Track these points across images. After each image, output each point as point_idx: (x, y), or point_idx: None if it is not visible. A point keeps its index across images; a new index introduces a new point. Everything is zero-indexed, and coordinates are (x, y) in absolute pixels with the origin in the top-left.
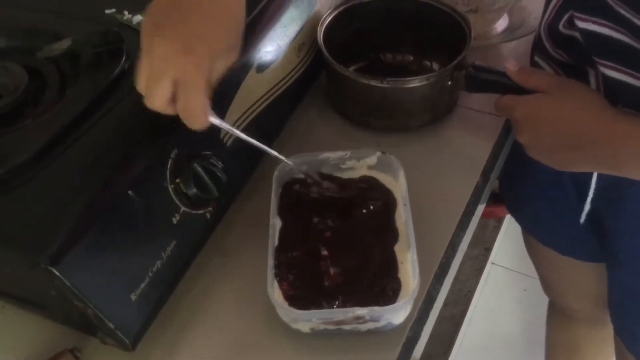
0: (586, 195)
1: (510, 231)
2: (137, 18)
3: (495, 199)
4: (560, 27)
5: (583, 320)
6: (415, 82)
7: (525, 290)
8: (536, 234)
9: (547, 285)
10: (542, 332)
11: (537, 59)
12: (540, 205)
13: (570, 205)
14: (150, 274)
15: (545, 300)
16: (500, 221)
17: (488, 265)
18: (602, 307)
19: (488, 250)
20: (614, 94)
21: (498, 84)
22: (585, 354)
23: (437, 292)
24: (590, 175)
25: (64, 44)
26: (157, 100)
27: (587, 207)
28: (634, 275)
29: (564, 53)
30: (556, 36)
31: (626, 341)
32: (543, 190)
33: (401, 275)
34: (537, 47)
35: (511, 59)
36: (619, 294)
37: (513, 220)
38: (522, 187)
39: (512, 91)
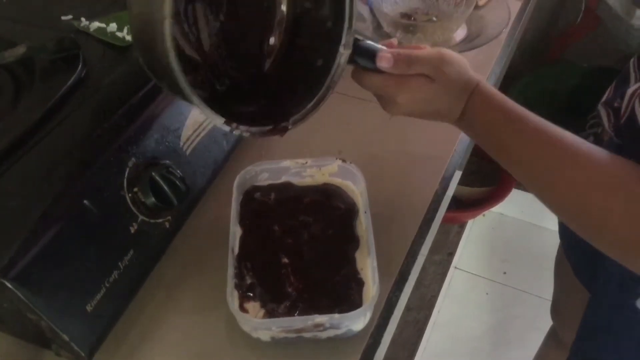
0: None
1: (472, 236)
2: (94, 25)
3: (458, 205)
4: None
5: None
6: None
7: (487, 294)
8: (562, 241)
9: (556, 307)
10: (505, 335)
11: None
12: None
13: None
14: (107, 285)
15: (507, 304)
16: (463, 226)
17: (451, 270)
18: None
19: (451, 255)
20: None
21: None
22: None
23: (397, 298)
24: None
25: (19, 50)
26: None
27: None
28: (597, 310)
29: None
30: None
31: None
32: None
33: (361, 282)
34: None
35: (387, 43)
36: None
37: (476, 225)
38: None
39: None
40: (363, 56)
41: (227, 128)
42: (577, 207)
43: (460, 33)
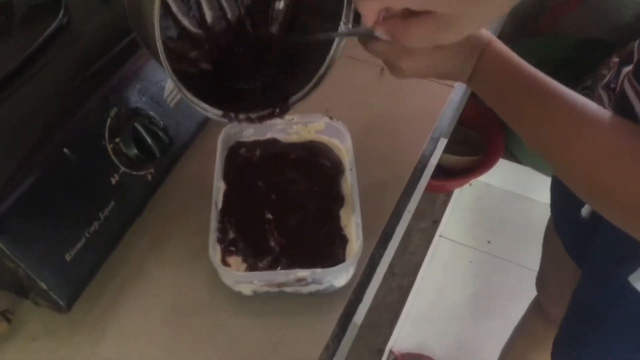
0: None
1: (458, 205)
2: None
3: (445, 174)
4: None
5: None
6: None
7: (471, 262)
8: (554, 216)
9: (542, 280)
10: (487, 303)
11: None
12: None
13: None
14: (87, 235)
15: (490, 272)
16: (449, 195)
17: (436, 237)
18: None
19: (436, 223)
20: None
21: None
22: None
23: (381, 256)
24: None
25: None
26: None
27: None
28: (590, 281)
29: None
30: None
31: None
32: None
33: (345, 238)
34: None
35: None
36: (573, 298)
37: (462, 194)
38: None
39: None
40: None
41: (225, 120)
42: (584, 174)
43: None
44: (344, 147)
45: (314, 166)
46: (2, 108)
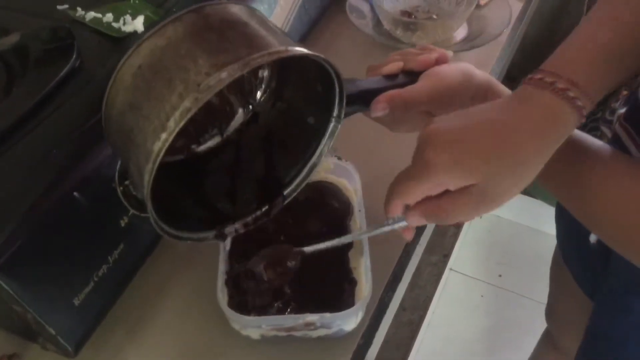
0: None
1: (468, 238)
2: (90, 15)
3: None
4: None
5: None
6: None
7: (482, 296)
8: (561, 246)
9: (551, 311)
10: (499, 338)
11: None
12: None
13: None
14: (96, 279)
15: (502, 306)
16: (459, 228)
17: (446, 271)
18: None
19: (447, 256)
20: None
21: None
22: None
23: (390, 299)
24: None
25: (12, 38)
26: None
27: None
28: (608, 312)
29: None
30: None
31: None
32: None
33: (354, 281)
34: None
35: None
36: (589, 330)
37: (472, 227)
38: None
39: None
40: (355, 104)
41: (222, 240)
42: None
43: (460, 32)
44: (352, 187)
45: (323, 207)
46: (14, 150)
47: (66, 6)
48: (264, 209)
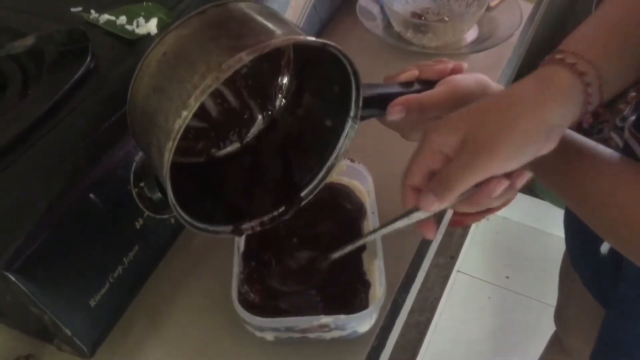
0: None
1: (476, 239)
2: (104, 17)
3: None
4: None
5: None
6: None
7: (489, 298)
8: (570, 253)
9: (560, 314)
10: (506, 340)
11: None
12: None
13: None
14: (111, 280)
15: (510, 308)
16: (466, 230)
17: (454, 273)
18: None
19: (454, 258)
20: None
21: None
22: None
23: (404, 300)
24: None
25: (27, 41)
26: None
27: None
28: (619, 319)
29: None
30: None
31: None
32: None
33: (367, 283)
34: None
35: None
36: (601, 337)
37: (479, 229)
38: None
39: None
40: (372, 107)
41: (238, 235)
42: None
43: (471, 34)
44: (365, 189)
45: (336, 209)
46: (30, 153)
47: (80, 9)
48: (280, 210)
